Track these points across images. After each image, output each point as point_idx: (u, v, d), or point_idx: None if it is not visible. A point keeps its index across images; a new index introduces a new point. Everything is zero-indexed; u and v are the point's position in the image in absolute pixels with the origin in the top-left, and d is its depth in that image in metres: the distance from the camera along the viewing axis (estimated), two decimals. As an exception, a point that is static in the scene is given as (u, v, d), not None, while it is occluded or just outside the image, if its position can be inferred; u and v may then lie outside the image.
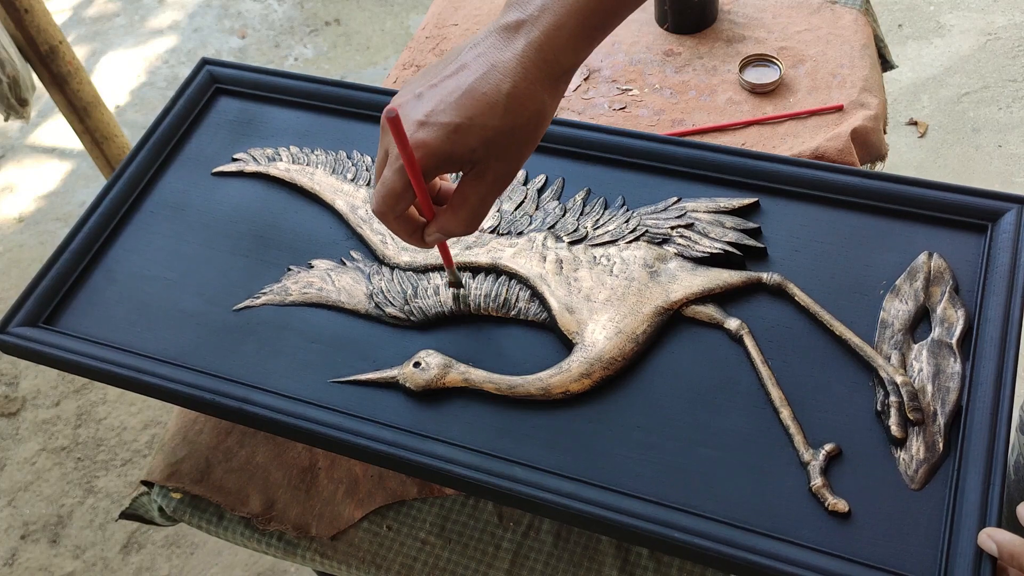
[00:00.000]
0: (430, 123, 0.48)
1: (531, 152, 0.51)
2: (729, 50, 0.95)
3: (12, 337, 0.66)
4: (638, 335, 0.61)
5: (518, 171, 0.51)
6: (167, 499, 0.72)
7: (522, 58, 0.48)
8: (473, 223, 0.51)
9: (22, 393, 1.70)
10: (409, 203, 0.51)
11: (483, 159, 0.49)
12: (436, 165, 0.48)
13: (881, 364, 0.58)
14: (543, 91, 0.49)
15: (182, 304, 0.68)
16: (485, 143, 0.48)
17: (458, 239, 0.68)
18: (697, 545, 0.52)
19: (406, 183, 0.49)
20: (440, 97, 0.48)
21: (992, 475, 0.52)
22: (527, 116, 0.48)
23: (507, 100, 0.47)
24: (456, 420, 0.60)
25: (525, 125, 0.49)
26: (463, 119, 0.47)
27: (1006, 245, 0.61)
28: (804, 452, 0.55)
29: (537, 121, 0.49)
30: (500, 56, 0.48)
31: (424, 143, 0.48)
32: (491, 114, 0.47)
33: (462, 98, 0.48)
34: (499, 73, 0.48)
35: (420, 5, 2.38)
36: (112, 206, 0.74)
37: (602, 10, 0.49)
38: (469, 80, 0.48)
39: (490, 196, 0.50)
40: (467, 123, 0.47)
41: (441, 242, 0.57)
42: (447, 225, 0.52)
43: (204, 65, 0.82)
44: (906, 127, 1.90)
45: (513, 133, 0.48)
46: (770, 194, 0.68)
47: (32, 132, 2.20)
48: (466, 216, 0.51)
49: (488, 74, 0.48)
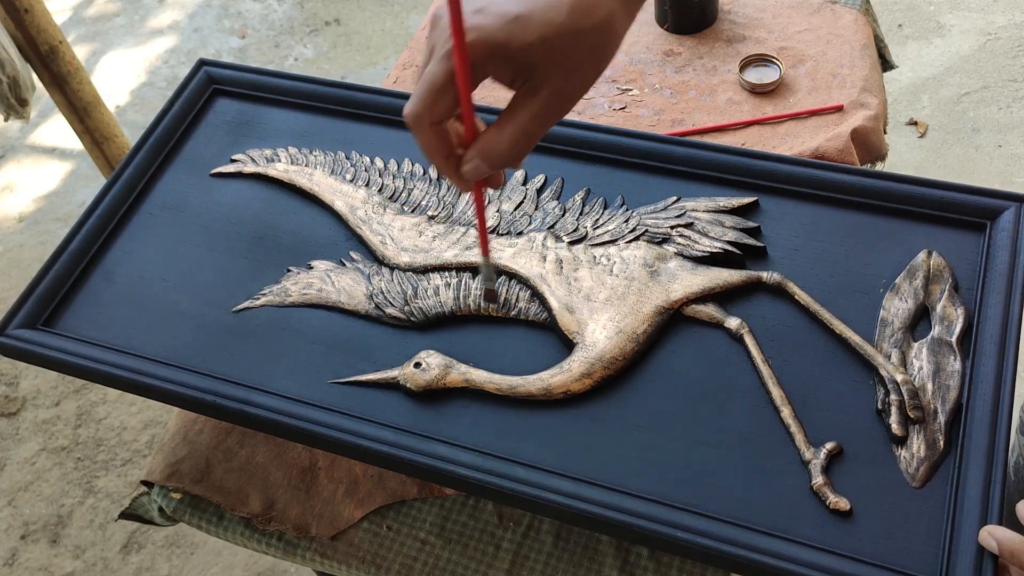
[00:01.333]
0: (486, 11, 0.43)
1: (594, 76, 0.46)
2: (729, 50, 0.95)
3: (11, 340, 0.66)
4: (638, 335, 0.61)
5: (579, 95, 0.45)
6: (167, 499, 0.72)
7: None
8: (520, 146, 0.45)
9: (22, 393, 1.70)
10: (450, 106, 0.44)
11: (540, 65, 0.44)
12: (488, 55, 0.43)
13: (881, 362, 0.58)
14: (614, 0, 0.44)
15: (181, 305, 0.68)
16: (544, 41, 0.43)
17: (458, 240, 0.68)
18: (699, 544, 0.52)
19: (450, 76, 0.43)
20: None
21: (993, 473, 0.52)
22: (593, 22, 0.44)
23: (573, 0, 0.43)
24: (457, 420, 0.60)
25: (591, 32, 0.44)
26: (524, 10, 0.43)
27: (1005, 243, 0.61)
28: (805, 451, 0.55)
29: (604, 31, 0.44)
30: None
31: (478, 27, 0.43)
32: (555, 10, 0.43)
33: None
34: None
35: (420, 5, 2.38)
36: (110, 208, 0.74)
37: None
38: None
39: (542, 116, 0.44)
40: (527, 15, 0.43)
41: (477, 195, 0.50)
42: (490, 145, 0.45)
43: (202, 66, 0.82)
44: (906, 127, 1.90)
45: (577, 39, 0.44)
46: (770, 193, 0.68)
47: (32, 132, 2.20)
48: (512, 136, 0.44)
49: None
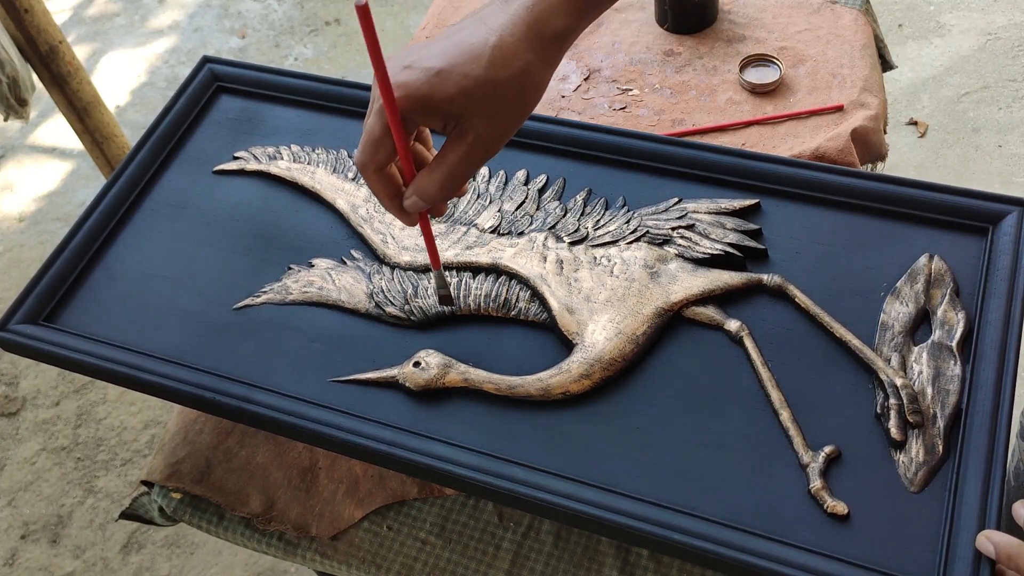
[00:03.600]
0: (413, 67, 0.48)
1: (516, 122, 0.50)
2: (729, 50, 0.95)
3: (12, 335, 0.66)
4: (638, 336, 0.61)
5: (502, 139, 0.50)
6: (167, 499, 0.72)
7: (513, 16, 0.48)
8: (448, 186, 0.50)
9: (22, 393, 1.70)
10: (388, 155, 0.49)
11: (464, 114, 0.48)
12: (415, 109, 0.48)
13: (881, 366, 0.58)
14: (530, 51, 0.48)
15: (182, 302, 0.68)
16: (465, 93, 0.47)
17: (458, 240, 0.68)
18: (696, 547, 0.52)
19: (385, 128, 0.48)
20: (429, 48, 0.49)
21: (991, 478, 0.52)
22: (511, 72, 0.48)
23: (491, 52, 0.47)
24: (455, 420, 0.60)
25: (508, 82, 0.48)
26: (445, 64, 0.47)
27: (1007, 248, 0.61)
28: (803, 454, 0.55)
29: (521, 81, 0.48)
30: (494, 16, 0.49)
31: (404, 84, 0.47)
32: (474, 63, 0.47)
33: (449, 48, 0.48)
34: (488, 28, 0.48)
35: (420, 5, 2.37)
36: (113, 204, 0.74)
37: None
38: (460, 35, 0.48)
39: (469, 159, 0.49)
40: (448, 69, 0.47)
41: (423, 221, 0.55)
42: (422, 185, 0.50)
43: (205, 63, 0.82)
44: (906, 127, 1.90)
45: (496, 88, 0.47)
46: (771, 195, 0.68)
47: (32, 132, 2.20)
48: (441, 177, 0.49)
49: (478, 30, 0.48)
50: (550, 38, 0.49)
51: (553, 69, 0.50)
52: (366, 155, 0.50)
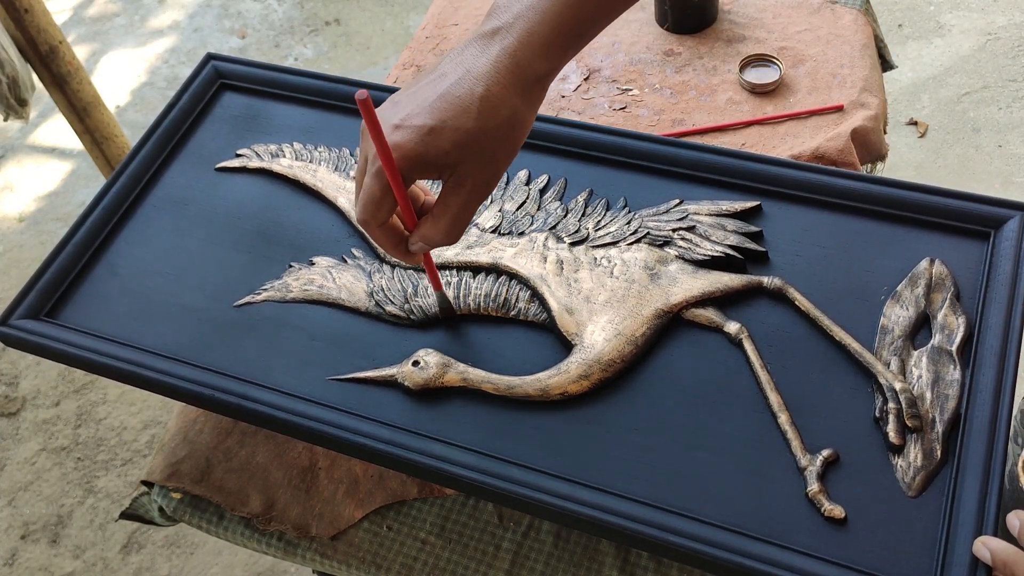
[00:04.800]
0: (404, 126, 0.49)
1: (508, 161, 0.51)
2: (729, 50, 0.95)
3: (13, 330, 0.66)
4: (637, 337, 0.61)
5: (497, 178, 0.51)
6: (167, 499, 0.72)
7: (496, 64, 0.49)
8: (454, 232, 0.52)
9: (22, 393, 1.70)
10: (391, 210, 0.51)
11: (459, 163, 0.49)
12: (411, 168, 0.49)
13: (880, 370, 0.58)
14: (516, 96, 0.49)
15: (183, 299, 0.68)
16: (458, 146, 0.48)
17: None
18: (692, 549, 0.52)
19: (386, 187, 0.50)
20: (416, 102, 0.49)
21: (989, 483, 0.52)
22: (500, 120, 0.49)
23: (480, 103, 0.48)
24: (454, 420, 0.60)
25: (498, 129, 0.49)
26: (436, 121, 0.48)
27: (1008, 253, 0.61)
28: (801, 457, 0.55)
29: (510, 126, 0.50)
30: (476, 62, 0.49)
31: (398, 145, 0.48)
32: (464, 116, 0.48)
33: (436, 101, 0.49)
34: (473, 78, 0.49)
35: (420, 5, 2.37)
36: (115, 200, 0.74)
37: (575, 20, 0.50)
38: (444, 85, 0.49)
39: (471, 204, 0.51)
40: (439, 125, 0.48)
41: (425, 253, 0.57)
42: (428, 234, 0.52)
43: (209, 60, 0.82)
44: (906, 127, 1.90)
45: (486, 137, 0.49)
46: (772, 197, 0.68)
47: (32, 132, 2.20)
48: (447, 224, 0.51)
49: (463, 79, 0.49)
50: (533, 81, 0.50)
51: (537, 107, 0.52)
52: (368, 214, 0.51)
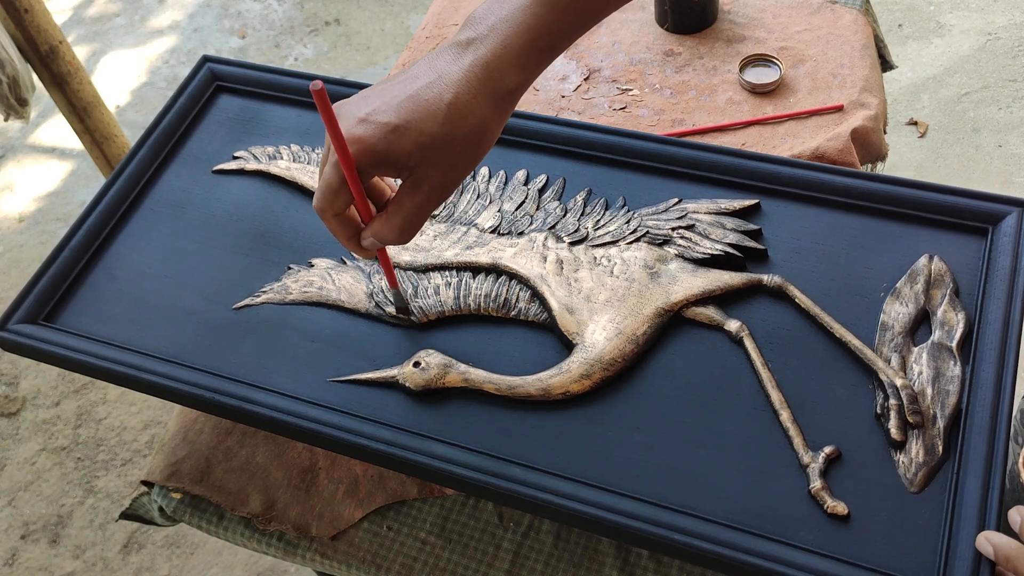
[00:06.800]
0: (369, 121, 0.49)
1: (469, 169, 0.51)
2: (729, 50, 0.95)
3: (11, 334, 0.66)
4: (638, 336, 0.61)
5: (455, 185, 0.51)
6: (167, 499, 0.72)
7: (468, 73, 0.49)
8: (406, 232, 0.52)
9: (22, 393, 1.70)
10: (346, 202, 0.51)
11: (419, 166, 0.49)
12: (371, 163, 0.49)
13: (881, 367, 0.58)
14: (485, 107, 0.49)
15: (182, 302, 0.68)
16: (421, 148, 0.48)
17: (458, 240, 0.68)
18: (696, 547, 0.52)
19: (342, 179, 0.50)
20: (384, 99, 0.49)
21: (991, 478, 0.52)
22: (466, 128, 0.49)
23: (448, 109, 0.48)
24: (456, 420, 0.60)
25: (464, 137, 0.49)
26: (401, 121, 0.48)
27: (1007, 248, 0.61)
28: (803, 454, 0.55)
29: (477, 136, 0.50)
30: (448, 69, 0.49)
31: (360, 139, 0.48)
32: (431, 120, 0.48)
33: (404, 102, 0.49)
34: (444, 84, 0.49)
35: (420, 5, 2.37)
36: (112, 204, 0.74)
37: (549, 34, 0.50)
38: (415, 87, 0.49)
39: (425, 207, 0.51)
40: (404, 125, 0.48)
41: (379, 250, 0.57)
42: (381, 231, 0.52)
43: (205, 63, 0.82)
44: (906, 127, 1.90)
45: (451, 143, 0.49)
46: (771, 196, 0.68)
47: (32, 132, 2.20)
48: (399, 224, 0.51)
49: (433, 84, 0.49)
50: (504, 94, 0.50)
51: (505, 120, 0.52)
52: (324, 203, 0.51)
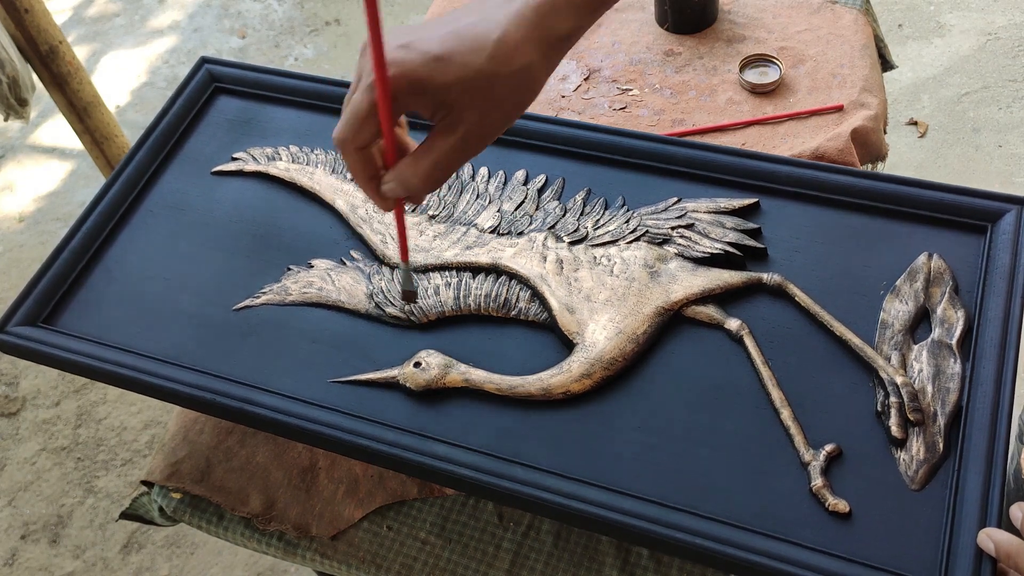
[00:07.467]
0: (411, 47, 0.46)
1: (513, 115, 0.48)
2: (729, 50, 0.95)
3: (11, 336, 0.66)
4: (638, 335, 0.61)
5: (494, 134, 0.48)
6: (167, 499, 0.72)
7: (518, 14, 0.47)
8: (433, 178, 0.48)
9: (22, 393, 1.70)
10: (372, 134, 0.47)
11: (458, 104, 0.46)
12: (407, 90, 0.45)
13: (881, 365, 0.58)
14: (534, 50, 0.47)
15: (181, 304, 0.68)
16: (461, 82, 0.45)
17: (458, 240, 0.68)
18: (698, 545, 0.52)
19: (372, 107, 0.46)
20: (429, 31, 0.47)
21: (992, 475, 0.52)
22: (512, 68, 0.46)
23: (495, 45, 0.46)
24: (456, 420, 0.60)
25: (509, 78, 0.46)
26: (445, 51, 0.45)
27: (1006, 246, 0.61)
28: (804, 452, 0.55)
29: (522, 79, 0.47)
30: (496, 11, 0.47)
31: (401, 61, 0.45)
32: (476, 54, 0.45)
33: (449, 35, 0.46)
34: (492, 22, 0.46)
35: (420, 5, 2.37)
36: (111, 205, 0.74)
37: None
38: (460, 24, 0.47)
39: (458, 153, 0.47)
40: (448, 56, 0.45)
41: (397, 210, 0.52)
42: (405, 173, 0.48)
43: (203, 64, 0.82)
44: (906, 127, 1.90)
45: (494, 82, 0.46)
46: (770, 195, 0.68)
47: (32, 132, 2.20)
48: (427, 168, 0.47)
49: (481, 21, 0.47)
50: (554, 40, 0.48)
51: (552, 69, 0.49)
52: (348, 131, 0.47)
